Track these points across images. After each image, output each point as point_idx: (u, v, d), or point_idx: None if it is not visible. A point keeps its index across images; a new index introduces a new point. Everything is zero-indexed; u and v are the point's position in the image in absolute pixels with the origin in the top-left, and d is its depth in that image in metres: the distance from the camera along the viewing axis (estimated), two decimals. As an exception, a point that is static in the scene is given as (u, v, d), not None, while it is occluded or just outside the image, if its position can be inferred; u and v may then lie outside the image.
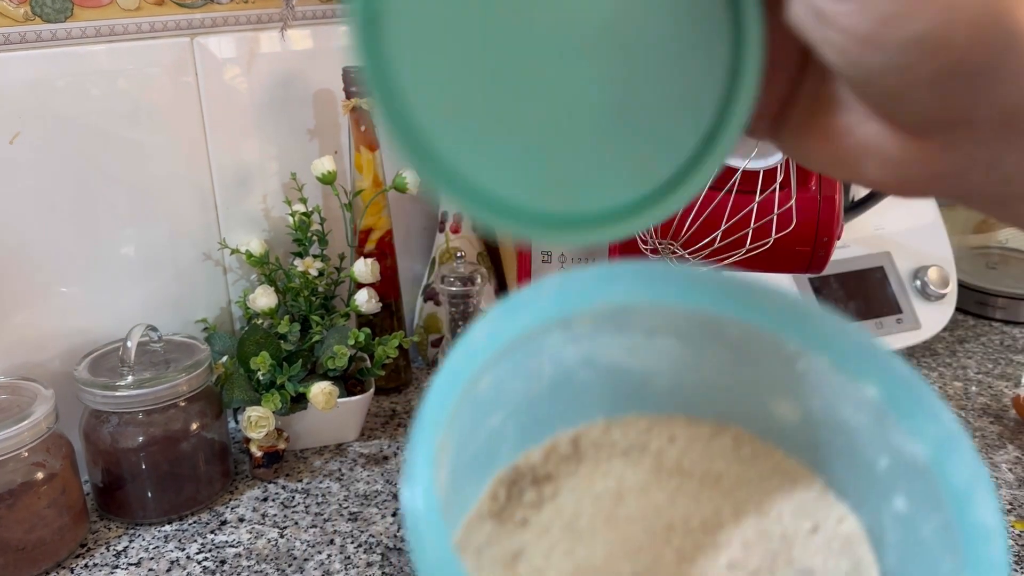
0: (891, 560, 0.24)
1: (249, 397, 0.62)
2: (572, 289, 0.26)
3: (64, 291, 0.62)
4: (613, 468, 0.27)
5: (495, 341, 0.25)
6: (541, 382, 0.27)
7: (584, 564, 0.24)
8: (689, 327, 0.27)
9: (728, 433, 0.28)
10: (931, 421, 0.23)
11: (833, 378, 0.25)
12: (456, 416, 0.24)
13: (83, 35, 0.60)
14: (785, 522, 0.25)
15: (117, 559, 0.55)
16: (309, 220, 0.69)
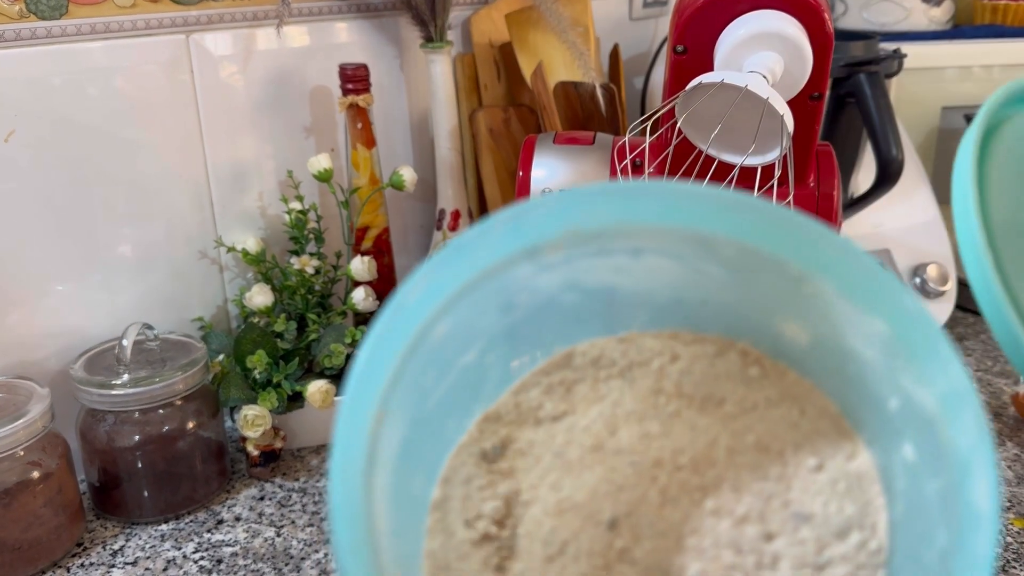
0: (898, 509, 0.22)
1: (245, 396, 0.62)
2: (530, 221, 0.24)
3: (60, 289, 0.62)
4: (611, 391, 0.25)
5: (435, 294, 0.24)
6: (518, 312, 0.25)
7: (567, 500, 0.23)
8: (677, 246, 0.25)
9: (735, 349, 0.25)
10: (940, 371, 0.21)
11: (841, 305, 0.23)
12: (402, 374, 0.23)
13: (78, 32, 0.60)
14: (786, 458, 0.23)
15: (113, 558, 0.55)
16: (305, 218, 0.69)
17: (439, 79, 0.74)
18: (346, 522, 0.20)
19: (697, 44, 0.50)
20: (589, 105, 0.74)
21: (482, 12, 0.81)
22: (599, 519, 0.22)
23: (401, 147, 0.80)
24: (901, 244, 0.82)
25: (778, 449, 0.23)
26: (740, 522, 0.22)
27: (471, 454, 0.25)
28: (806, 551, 0.22)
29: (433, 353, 0.24)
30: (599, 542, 0.22)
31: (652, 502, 0.23)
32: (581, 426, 0.25)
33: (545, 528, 0.23)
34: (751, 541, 0.22)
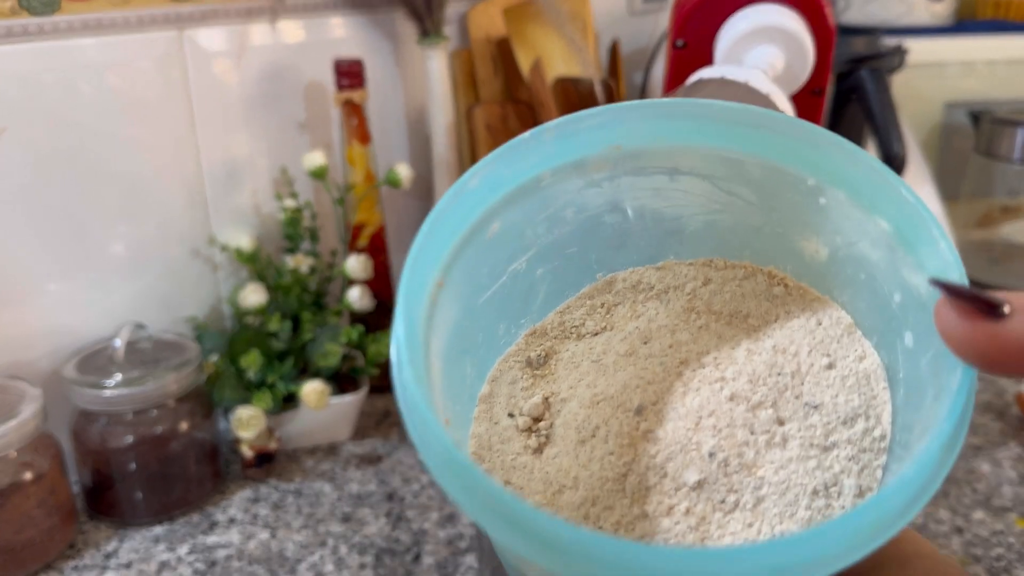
0: (900, 396, 0.24)
1: (240, 396, 0.61)
2: (578, 132, 0.26)
3: (51, 288, 0.61)
4: (647, 310, 0.28)
5: (494, 187, 0.25)
6: (565, 227, 0.27)
7: (600, 393, 0.25)
8: (710, 165, 0.27)
9: (762, 274, 0.28)
10: (931, 251, 0.23)
11: (851, 212, 0.25)
12: (458, 257, 0.25)
13: (70, 28, 0.59)
14: (800, 359, 0.25)
15: (107, 560, 0.54)
16: (300, 216, 0.68)
17: (435, 75, 0.73)
18: (410, 348, 0.21)
19: (697, 39, 0.49)
20: (588, 100, 0.74)
21: (479, 7, 0.80)
22: (628, 407, 0.25)
23: (397, 144, 0.79)
24: (903, 241, 0.81)
25: (794, 351, 0.26)
26: (754, 407, 0.24)
27: (517, 360, 0.27)
28: (814, 434, 0.24)
29: (487, 249, 0.26)
30: (627, 424, 0.24)
31: (676, 392, 0.25)
32: (618, 338, 0.27)
33: (580, 417, 0.25)
34: (763, 423, 0.24)
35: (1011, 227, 0.92)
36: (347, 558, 0.54)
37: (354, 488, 0.61)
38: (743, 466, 0.23)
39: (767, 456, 0.23)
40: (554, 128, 0.26)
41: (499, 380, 0.27)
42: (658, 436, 0.24)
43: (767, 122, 0.25)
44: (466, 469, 0.19)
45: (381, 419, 0.71)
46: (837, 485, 0.23)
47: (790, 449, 0.24)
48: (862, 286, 0.26)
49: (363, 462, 0.65)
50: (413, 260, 0.23)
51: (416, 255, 0.23)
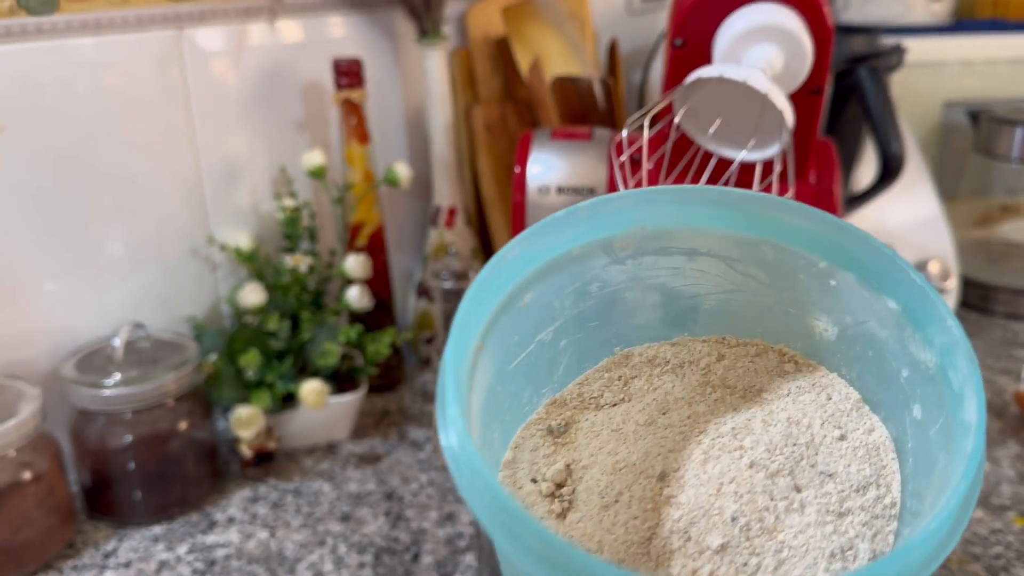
0: (909, 465, 0.25)
1: (238, 396, 0.61)
2: (608, 212, 0.28)
3: (50, 288, 0.61)
4: (663, 383, 0.29)
5: (530, 260, 0.27)
6: (589, 301, 0.29)
7: (622, 461, 0.27)
8: (727, 247, 0.29)
9: (773, 351, 0.30)
10: (940, 329, 0.24)
11: (861, 292, 0.27)
12: (495, 325, 0.26)
13: (69, 28, 0.59)
14: (814, 430, 0.27)
15: (105, 560, 0.54)
16: (299, 215, 0.68)
17: (434, 74, 0.73)
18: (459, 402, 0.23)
19: (696, 38, 0.49)
20: (587, 100, 0.74)
21: (478, 6, 0.80)
22: (650, 473, 0.26)
23: (396, 143, 0.79)
24: (902, 240, 0.82)
25: (807, 423, 0.27)
26: (773, 475, 0.25)
27: (538, 429, 0.28)
28: (830, 501, 0.25)
29: (519, 317, 0.27)
30: (649, 490, 0.25)
31: (696, 459, 0.26)
32: (636, 409, 0.28)
33: (602, 484, 0.26)
34: (782, 490, 0.25)
35: (1010, 226, 0.92)
36: (346, 557, 0.54)
37: (353, 487, 0.61)
38: (764, 530, 0.24)
39: (786, 521, 0.24)
40: (587, 207, 0.27)
41: (522, 447, 0.28)
42: (681, 501, 0.25)
43: (783, 209, 0.27)
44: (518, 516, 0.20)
45: (380, 419, 0.71)
46: (853, 549, 0.24)
47: (808, 515, 0.24)
48: (870, 363, 0.27)
49: (362, 461, 0.65)
50: (460, 323, 0.24)
51: (462, 319, 0.25)
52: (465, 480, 0.21)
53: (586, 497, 0.26)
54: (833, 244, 0.27)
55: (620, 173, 0.56)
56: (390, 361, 0.73)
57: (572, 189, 0.59)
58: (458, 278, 0.69)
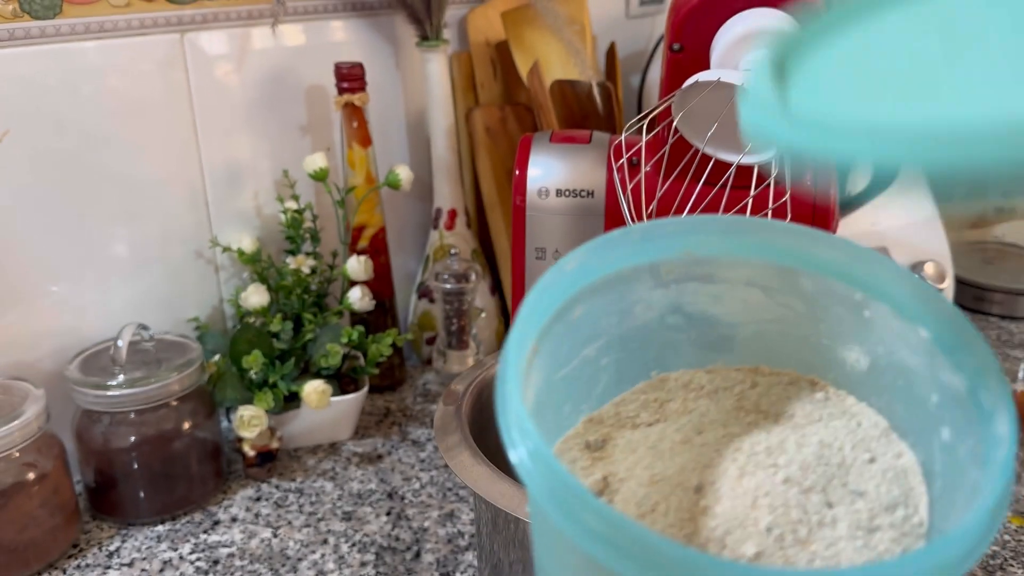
0: (937, 488, 0.26)
1: (241, 396, 0.62)
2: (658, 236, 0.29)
3: (55, 290, 0.62)
4: (699, 406, 0.30)
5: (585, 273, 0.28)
6: (633, 322, 0.30)
7: (659, 475, 0.27)
8: (768, 278, 0.29)
9: (805, 381, 0.31)
10: (969, 354, 0.25)
11: (894, 323, 0.27)
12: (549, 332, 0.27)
13: (72, 32, 0.59)
14: (845, 453, 0.28)
15: (109, 559, 0.55)
16: (301, 217, 0.69)
17: (435, 78, 0.73)
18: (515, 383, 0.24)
19: (694, 42, 0.50)
20: (586, 103, 0.74)
21: (478, 10, 0.81)
22: (687, 485, 0.27)
23: (397, 146, 0.79)
24: (898, 242, 0.82)
25: (838, 446, 0.28)
26: (806, 491, 0.26)
27: (576, 443, 0.29)
28: (860, 518, 0.26)
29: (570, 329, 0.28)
30: (686, 501, 0.26)
31: (732, 475, 0.27)
32: (672, 429, 0.29)
33: (639, 495, 0.27)
34: (815, 505, 0.26)
35: (1004, 227, 0.93)
36: (348, 556, 0.54)
37: (355, 487, 0.62)
38: (797, 541, 0.25)
39: (819, 534, 0.25)
40: (639, 230, 0.29)
41: (560, 459, 0.29)
42: (717, 512, 0.26)
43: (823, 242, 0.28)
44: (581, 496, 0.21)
45: (382, 418, 0.71)
46: None
47: (839, 529, 0.25)
48: (900, 391, 0.28)
49: (364, 461, 0.65)
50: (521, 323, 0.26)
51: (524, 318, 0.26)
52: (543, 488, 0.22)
53: (623, 507, 0.27)
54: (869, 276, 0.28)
55: (619, 176, 0.57)
56: (392, 361, 0.74)
57: (571, 192, 0.60)
58: (458, 279, 0.70)
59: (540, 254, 0.62)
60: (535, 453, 0.22)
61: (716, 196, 0.52)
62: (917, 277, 0.28)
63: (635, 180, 0.55)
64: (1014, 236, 0.93)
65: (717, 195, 0.52)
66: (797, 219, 0.53)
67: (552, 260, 0.62)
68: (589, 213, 0.59)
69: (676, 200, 0.53)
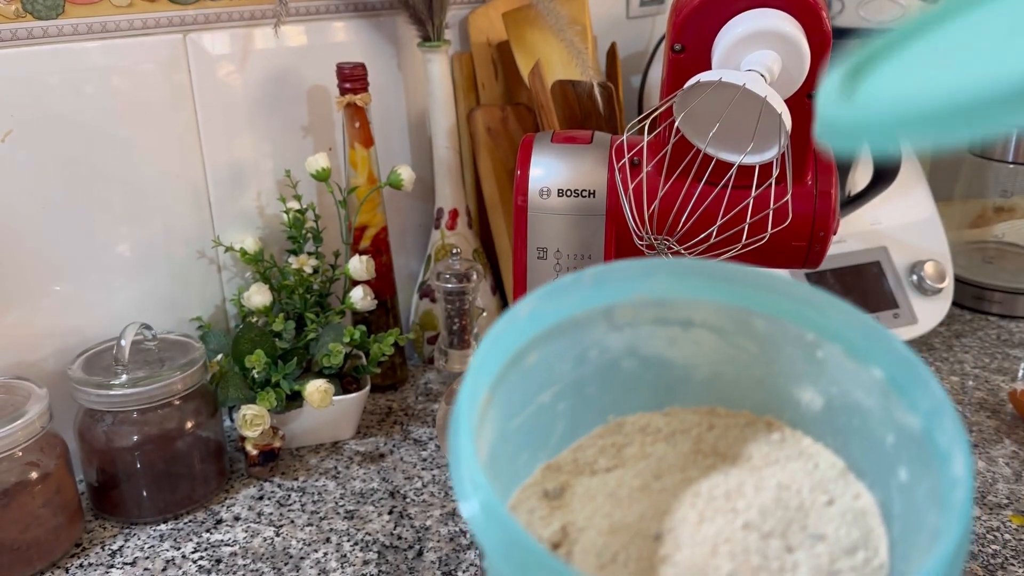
0: (897, 529, 0.26)
1: (244, 395, 0.62)
2: (611, 280, 0.29)
3: (57, 290, 0.62)
4: (656, 450, 0.30)
5: (538, 320, 0.28)
6: (588, 366, 0.30)
7: (618, 523, 0.27)
8: (721, 319, 0.29)
9: (761, 422, 0.31)
10: (924, 394, 0.25)
11: (847, 364, 0.27)
12: (502, 381, 0.27)
13: (75, 32, 0.60)
14: (804, 495, 0.28)
15: (112, 558, 0.55)
16: (303, 217, 0.69)
17: (437, 78, 0.74)
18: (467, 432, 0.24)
19: (695, 42, 0.50)
20: (587, 104, 0.74)
21: (479, 11, 0.81)
22: (646, 534, 0.26)
23: (399, 146, 0.80)
24: (898, 242, 0.82)
25: (796, 488, 0.28)
26: (766, 536, 0.26)
27: (535, 492, 0.29)
28: (821, 562, 0.25)
29: (523, 377, 0.28)
30: (646, 550, 0.26)
31: (691, 521, 0.27)
32: (631, 475, 0.29)
33: (599, 544, 0.26)
34: (775, 551, 0.26)
35: (1004, 227, 0.93)
36: (350, 555, 0.55)
37: (357, 485, 0.62)
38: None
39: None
40: (592, 275, 0.29)
41: (518, 508, 0.28)
42: (677, 560, 0.26)
43: (774, 284, 0.28)
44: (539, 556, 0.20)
45: (384, 417, 0.71)
46: None
47: (800, 574, 0.25)
48: (855, 431, 0.28)
49: (366, 460, 0.65)
50: (474, 373, 0.25)
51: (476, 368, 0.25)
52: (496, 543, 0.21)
53: (582, 558, 0.26)
54: (820, 317, 0.28)
55: (620, 176, 0.57)
56: (393, 361, 0.74)
57: (573, 192, 0.60)
58: (460, 279, 0.70)
59: (541, 254, 0.63)
60: (487, 507, 0.22)
61: (717, 196, 0.52)
62: (869, 318, 0.28)
63: (636, 180, 0.56)
64: (1014, 236, 0.93)
65: (718, 195, 0.52)
66: (798, 218, 0.53)
67: (553, 260, 0.62)
68: (590, 213, 0.59)
69: (677, 200, 0.54)
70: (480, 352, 0.26)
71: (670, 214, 0.54)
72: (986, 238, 0.94)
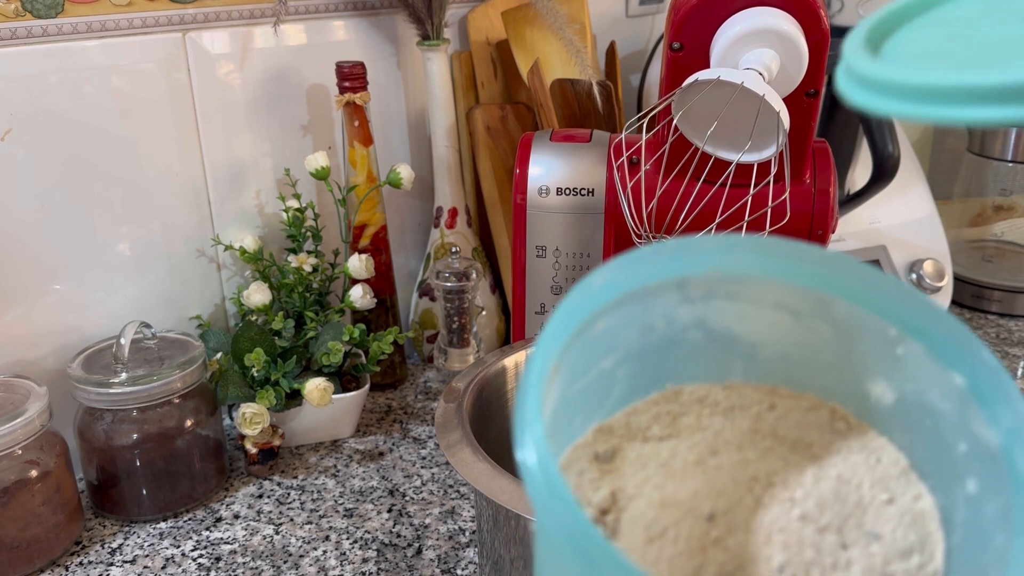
0: (957, 538, 0.26)
1: (244, 394, 0.62)
2: (690, 253, 0.28)
3: (57, 288, 0.62)
4: (712, 424, 0.30)
5: (612, 289, 0.27)
6: (653, 335, 0.30)
7: (670, 497, 0.27)
8: (799, 302, 0.29)
9: (825, 408, 0.30)
10: (1008, 410, 0.24)
11: (927, 365, 0.27)
12: (570, 348, 0.27)
13: (74, 31, 0.60)
14: (863, 491, 0.27)
15: (112, 556, 0.55)
16: (303, 216, 0.69)
17: (436, 77, 0.74)
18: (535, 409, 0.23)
19: (693, 41, 0.50)
20: (586, 102, 0.74)
21: (479, 9, 0.81)
22: (699, 513, 0.26)
23: (398, 145, 0.80)
24: (897, 240, 0.82)
25: (856, 483, 0.27)
26: (822, 530, 0.26)
27: (585, 453, 0.29)
28: (875, 562, 0.25)
29: (589, 344, 0.28)
30: (697, 530, 0.26)
31: (747, 505, 0.26)
32: (685, 447, 0.29)
33: (648, 517, 0.26)
34: (830, 546, 0.25)
35: (1003, 225, 0.93)
36: (350, 552, 0.55)
37: (356, 484, 0.62)
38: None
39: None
40: (671, 246, 0.28)
41: (568, 469, 0.28)
42: (729, 545, 0.25)
43: (862, 273, 0.28)
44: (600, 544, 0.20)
45: (383, 416, 0.71)
46: None
47: (853, 573, 0.25)
48: (925, 431, 0.27)
49: (365, 458, 0.65)
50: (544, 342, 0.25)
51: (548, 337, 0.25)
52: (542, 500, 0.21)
53: (630, 528, 0.26)
54: (908, 314, 0.27)
55: (619, 174, 0.57)
56: (393, 359, 0.74)
57: (572, 190, 0.60)
58: (459, 278, 0.70)
59: (540, 252, 0.63)
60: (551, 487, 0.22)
61: (716, 194, 0.53)
62: (959, 321, 0.27)
63: (635, 178, 0.56)
64: (1013, 234, 0.93)
65: (717, 193, 0.52)
66: (796, 216, 0.53)
67: (552, 258, 0.62)
68: (589, 211, 0.59)
69: (676, 198, 0.54)
70: (552, 322, 0.26)
71: (668, 212, 0.54)
72: (985, 237, 0.94)
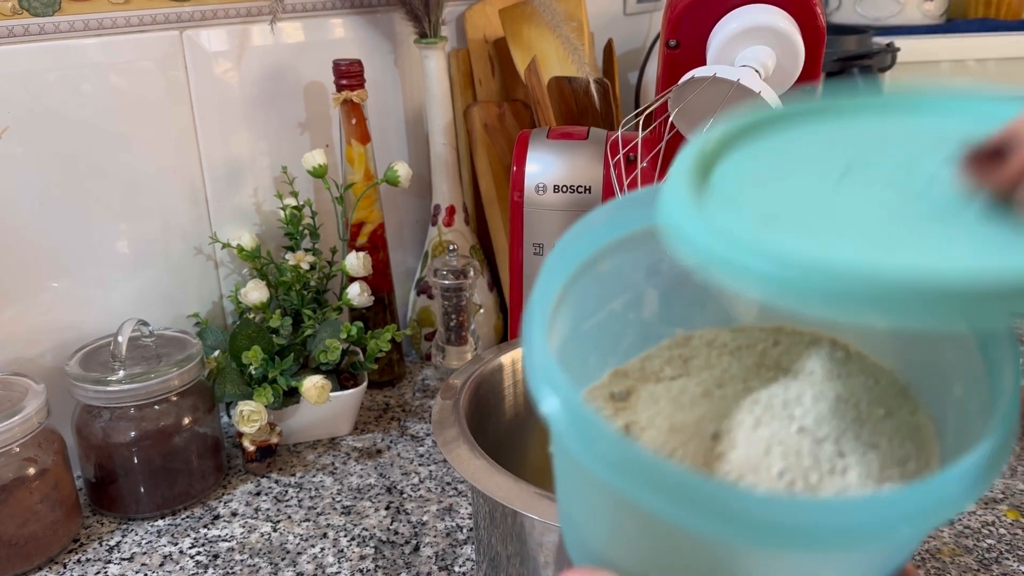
0: (949, 440, 0.27)
1: (241, 391, 0.62)
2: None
3: (55, 286, 0.62)
4: (721, 362, 0.31)
5: (614, 228, 0.28)
6: (660, 278, 0.31)
7: (678, 424, 0.29)
8: None
9: (826, 339, 0.32)
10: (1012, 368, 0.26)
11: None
12: (575, 283, 0.28)
13: (72, 29, 0.60)
14: (861, 407, 0.29)
15: (110, 554, 0.55)
16: (300, 214, 0.69)
17: (433, 74, 0.74)
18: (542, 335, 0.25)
19: (690, 39, 0.50)
20: (583, 100, 0.74)
21: (476, 7, 0.81)
22: (704, 434, 0.28)
23: (396, 142, 0.80)
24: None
25: (855, 402, 0.29)
26: (820, 441, 0.27)
27: (601, 393, 0.31)
28: (872, 468, 0.27)
29: (596, 282, 0.30)
30: (702, 448, 0.28)
31: (748, 424, 0.28)
32: (693, 383, 0.31)
33: (658, 441, 0.28)
34: (827, 454, 0.27)
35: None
36: (347, 550, 0.55)
37: (354, 481, 0.62)
38: (808, 487, 0.26)
39: (829, 481, 0.26)
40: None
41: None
42: (731, 458, 0.27)
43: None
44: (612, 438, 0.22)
45: (381, 413, 0.71)
46: None
47: (849, 477, 0.26)
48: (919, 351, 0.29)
49: (363, 456, 0.66)
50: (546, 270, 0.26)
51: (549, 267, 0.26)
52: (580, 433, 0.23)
53: None
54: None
55: (616, 172, 0.57)
56: (391, 357, 0.74)
57: (569, 188, 0.60)
58: (457, 275, 0.70)
59: (538, 250, 0.63)
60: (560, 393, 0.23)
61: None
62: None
63: (632, 176, 0.56)
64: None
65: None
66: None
67: (550, 256, 0.62)
68: (586, 209, 0.59)
69: (673, 196, 0.54)
70: (553, 255, 0.27)
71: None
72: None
